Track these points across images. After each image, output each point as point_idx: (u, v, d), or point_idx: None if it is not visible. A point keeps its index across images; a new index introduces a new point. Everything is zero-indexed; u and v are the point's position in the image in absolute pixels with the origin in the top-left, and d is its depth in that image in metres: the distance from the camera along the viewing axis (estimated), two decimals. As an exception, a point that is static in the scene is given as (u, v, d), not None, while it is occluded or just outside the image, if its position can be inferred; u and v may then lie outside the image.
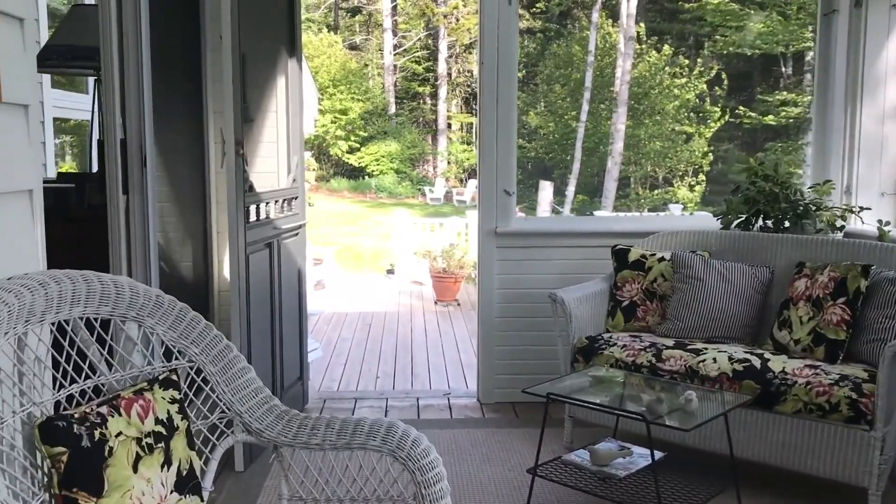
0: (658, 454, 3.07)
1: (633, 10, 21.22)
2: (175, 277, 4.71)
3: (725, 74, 21.43)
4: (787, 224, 4.29)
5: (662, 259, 4.20)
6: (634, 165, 22.08)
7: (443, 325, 8.07)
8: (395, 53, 29.48)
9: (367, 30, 30.82)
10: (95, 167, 4.74)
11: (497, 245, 4.80)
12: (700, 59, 21.70)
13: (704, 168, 21.45)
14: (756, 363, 3.45)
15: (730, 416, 3.25)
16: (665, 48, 21.51)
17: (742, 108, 20.45)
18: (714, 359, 3.54)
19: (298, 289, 4.69)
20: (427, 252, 10.58)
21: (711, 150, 21.37)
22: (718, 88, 21.46)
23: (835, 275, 3.60)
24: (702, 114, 21.44)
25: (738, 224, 4.40)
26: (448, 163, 28.07)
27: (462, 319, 8.45)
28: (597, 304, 4.17)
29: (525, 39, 23.58)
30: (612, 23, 22.56)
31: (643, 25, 22.19)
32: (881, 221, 4.15)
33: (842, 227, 4.33)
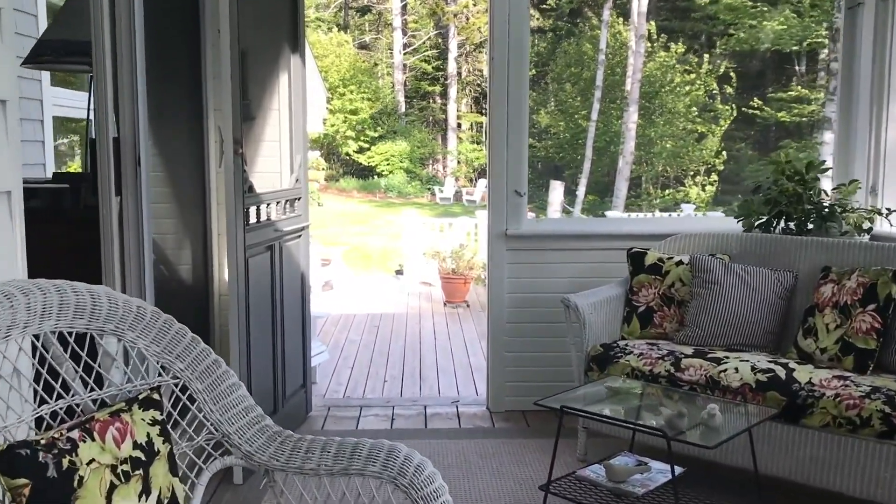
0: (678, 469, 2.91)
1: (645, 8, 20.97)
2: (174, 281, 4.55)
3: (735, 73, 21.18)
4: (811, 226, 4.10)
5: (680, 263, 4.02)
6: (646, 165, 21.86)
7: (452, 328, 7.92)
8: (405, 53, 29.37)
9: (377, 29, 30.73)
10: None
11: (507, 248, 4.62)
12: (707, 56, 21.43)
13: (718, 167, 21.20)
14: (781, 373, 3.26)
15: (754, 430, 3.08)
16: (675, 46, 21.27)
17: (755, 101, 20.13)
18: (736, 368, 3.36)
19: (302, 293, 4.53)
20: (436, 253, 10.45)
21: (724, 150, 21.12)
22: (728, 86, 21.20)
23: (864, 280, 3.42)
24: (713, 112, 21.19)
25: (759, 226, 4.21)
26: (458, 162, 27.94)
27: (471, 321, 8.31)
28: (612, 310, 3.99)
29: (535, 38, 23.39)
30: (623, 21, 22.35)
31: (654, 23, 21.96)
32: (911, 223, 3.96)
33: (868, 230, 4.13)
